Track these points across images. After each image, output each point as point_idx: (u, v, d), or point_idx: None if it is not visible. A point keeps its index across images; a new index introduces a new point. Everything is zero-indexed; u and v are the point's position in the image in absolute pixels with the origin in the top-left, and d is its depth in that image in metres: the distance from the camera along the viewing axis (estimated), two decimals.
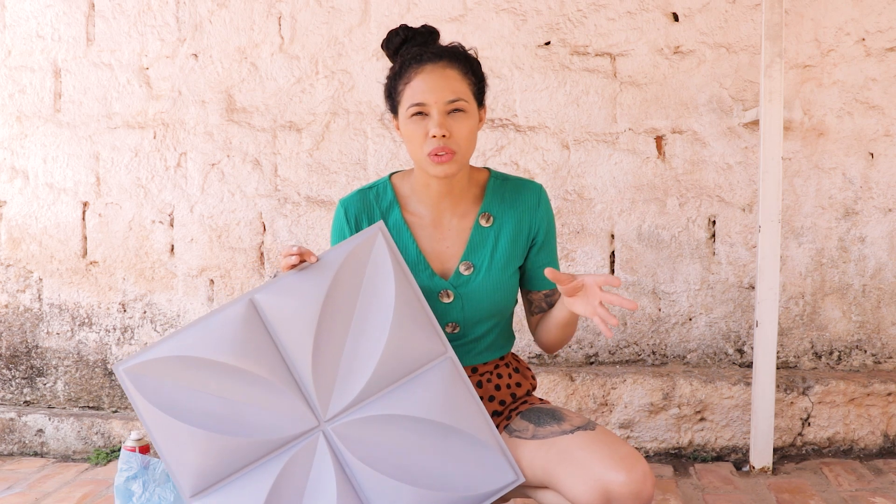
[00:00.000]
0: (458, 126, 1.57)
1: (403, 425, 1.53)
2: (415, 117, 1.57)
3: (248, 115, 3.00)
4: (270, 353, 1.52)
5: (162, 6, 3.01)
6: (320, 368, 1.52)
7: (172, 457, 1.50)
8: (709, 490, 2.45)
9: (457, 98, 1.57)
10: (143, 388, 1.50)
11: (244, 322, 1.51)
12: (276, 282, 1.53)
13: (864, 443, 2.72)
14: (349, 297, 1.54)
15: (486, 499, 1.55)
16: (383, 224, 1.59)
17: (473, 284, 1.66)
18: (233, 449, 1.50)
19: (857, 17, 2.80)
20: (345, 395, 1.53)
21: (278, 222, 3.00)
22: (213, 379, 1.49)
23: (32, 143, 3.09)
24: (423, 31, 1.65)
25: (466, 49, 1.65)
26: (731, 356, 2.89)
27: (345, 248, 1.55)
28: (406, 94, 1.58)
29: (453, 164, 1.57)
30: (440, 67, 1.58)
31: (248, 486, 1.50)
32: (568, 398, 2.75)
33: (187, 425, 1.48)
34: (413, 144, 1.59)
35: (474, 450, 1.54)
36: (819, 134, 2.83)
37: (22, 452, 2.94)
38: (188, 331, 1.51)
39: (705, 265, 2.87)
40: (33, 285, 3.11)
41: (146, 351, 1.51)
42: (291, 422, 1.52)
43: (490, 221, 1.68)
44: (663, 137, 2.87)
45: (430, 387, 1.54)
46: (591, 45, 2.87)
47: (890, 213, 2.84)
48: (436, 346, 1.57)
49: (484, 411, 1.58)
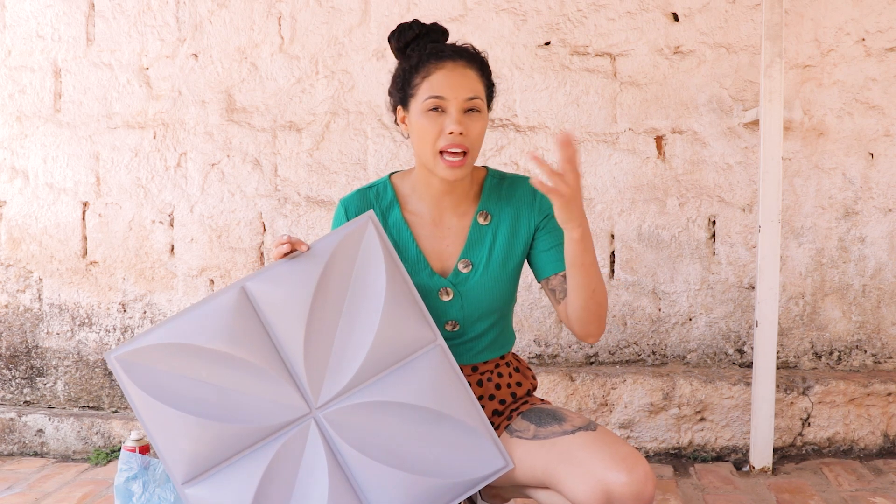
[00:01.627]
0: (473, 125, 1.58)
1: (394, 412, 1.54)
2: (431, 112, 1.57)
3: (248, 115, 3.00)
4: (262, 341, 1.52)
5: (162, 6, 3.01)
6: (312, 356, 1.53)
7: (164, 444, 1.50)
8: (709, 490, 2.45)
9: (475, 96, 1.58)
10: (134, 375, 1.50)
11: (236, 310, 1.52)
12: (267, 270, 1.55)
13: (864, 443, 2.72)
14: (340, 286, 1.55)
15: (477, 484, 1.57)
16: (373, 213, 1.59)
17: (472, 282, 1.67)
18: (225, 436, 1.50)
19: (857, 17, 2.80)
20: (336, 382, 1.54)
21: (278, 222, 3.00)
22: (205, 366, 1.50)
23: (32, 143, 3.09)
24: (436, 28, 1.66)
25: (480, 52, 1.66)
26: (731, 356, 2.89)
27: (335, 236, 1.56)
28: (424, 87, 1.58)
29: (465, 168, 1.59)
30: (460, 66, 1.59)
31: (240, 472, 1.51)
32: (568, 398, 2.75)
33: (179, 412, 1.49)
34: (424, 140, 1.58)
35: (464, 436, 1.55)
36: (819, 134, 2.83)
37: (22, 452, 2.94)
38: (180, 318, 1.51)
39: (705, 265, 2.87)
40: (33, 285, 3.11)
41: (137, 339, 1.51)
42: (283, 409, 1.52)
43: (488, 219, 1.69)
44: (663, 137, 2.87)
45: (420, 374, 1.56)
46: (591, 45, 2.87)
47: (890, 213, 2.84)
48: (426, 334, 1.58)
49: (473, 398, 1.59)
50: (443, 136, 1.56)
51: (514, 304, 1.77)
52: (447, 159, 1.56)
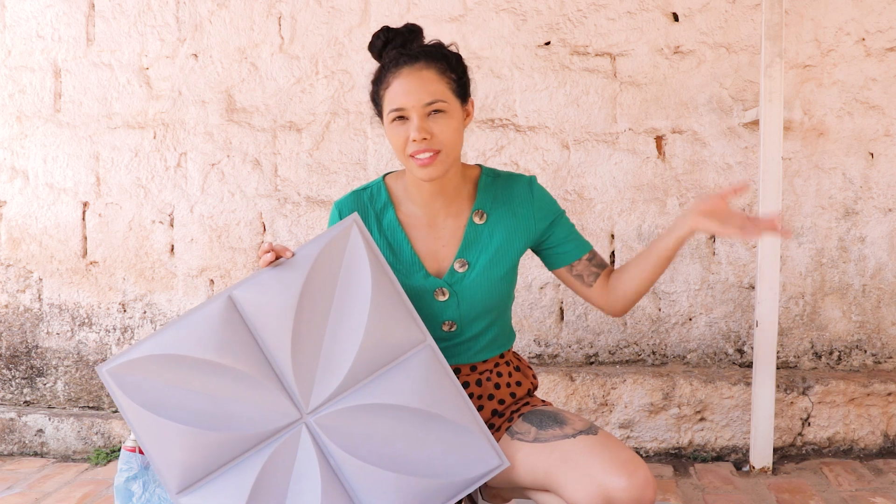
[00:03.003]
0: (439, 127, 1.56)
1: (385, 414, 1.53)
2: (396, 122, 1.58)
3: (248, 115, 3.00)
4: (251, 349, 1.53)
5: (162, 6, 3.01)
6: (300, 361, 1.53)
7: (158, 455, 1.51)
8: (709, 490, 2.45)
9: (434, 100, 1.56)
10: (126, 388, 1.51)
11: (223, 319, 1.52)
12: (253, 278, 1.55)
13: (864, 443, 2.72)
14: (326, 290, 1.55)
15: (472, 484, 1.56)
16: (357, 215, 1.59)
17: (468, 281, 1.67)
18: (217, 444, 1.51)
19: (857, 17, 2.80)
20: (326, 387, 1.54)
21: (278, 222, 3.00)
22: (196, 376, 1.51)
23: (32, 143, 3.09)
24: (403, 30, 1.64)
25: (446, 45, 1.64)
26: (731, 356, 2.89)
27: (320, 241, 1.56)
28: (386, 98, 1.59)
29: (438, 166, 1.57)
30: (417, 70, 1.57)
31: (233, 480, 1.51)
32: (568, 398, 2.75)
33: (172, 422, 1.50)
34: (397, 148, 1.60)
35: (458, 436, 1.55)
36: (819, 134, 2.83)
37: (22, 452, 2.94)
38: (169, 329, 1.52)
39: (705, 265, 2.88)
40: (33, 285, 3.11)
41: (128, 351, 1.52)
42: (274, 415, 1.53)
43: (483, 218, 1.69)
44: (663, 137, 2.87)
45: (411, 375, 1.55)
46: (591, 45, 2.87)
47: (890, 213, 2.84)
48: (415, 335, 1.58)
49: (465, 397, 1.58)
50: (409, 144, 1.56)
51: (511, 302, 1.77)
52: (418, 158, 1.56)
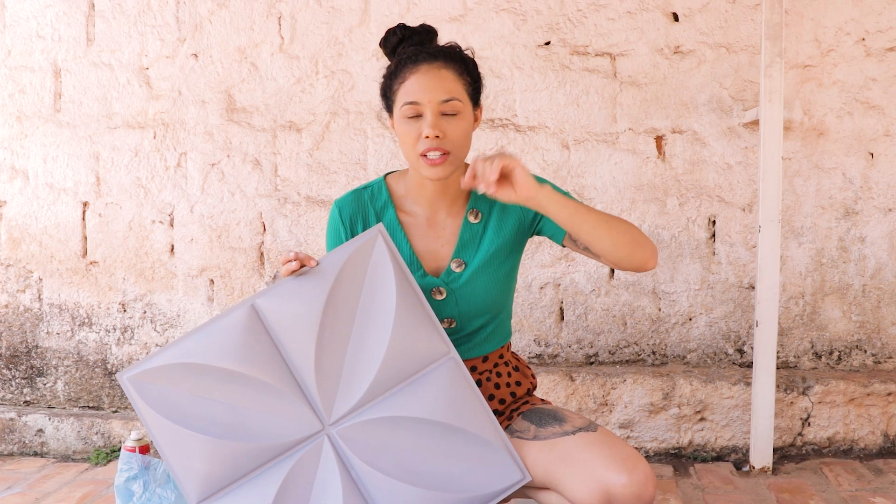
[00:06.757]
0: (451, 127, 1.57)
1: (408, 427, 1.52)
2: (408, 118, 1.58)
3: (248, 115, 3.00)
4: (273, 358, 1.52)
5: (162, 6, 3.01)
6: (323, 372, 1.52)
7: (179, 463, 1.50)
8: (709, 490, 2.45)
9: (451, 98, 1.57)
10: (147, 396, 1.50)
11: (246, 328, 1.51)
12: (276, 287, 1.54)
13: (864, 443, 2.72)
14: (350, 301, 1.54)
15: (494, 498, 1.55)
16: (383, 226, 1.59)
17: (464, 280, 1.67)
18: (238, 454, 1.50)
19: (857, 17, 2.80)
20: (349, 398, 1.53)
21: (278, 222, 3.00)
22: (217, 385, 1.49)
23: (32, 143, 3.09)
24: (420, 30, 1.66)
25: (463, 49, 1.65)
26: (731, 356, 2.89)
27: (345, 251, 1.55)
28: (400, 92, 1.59)
29: (447, 167, 1.58)
30: (435, 67, 1.58)
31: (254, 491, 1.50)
32: (568, 398, 2.75)
33: (192, 432, 1.49)
34: (406, 145, 1.59)
35: (480, 449, 1.54)
36: (819, 134, 2.83)
37: (22, 452, 2.94)
38: (190, 338, 1.51)
39: (705, 265, 2.88)
40: (33, 285, 3.11)
41: (149, 359, 1.51)
42: (296, 426, 1.52)
43: (478, 217, 1.69)
44: (663, 137, 2.87)
45: (434, 388, 1.54)
46: (591, 45, 2.87)
47: (890, 213, 2.84)
48: (438, 347, 1.57)
49: (488, 410, 1.58)
50: (421, 140, 1.56)
51: (511, 299, 1.78)
52: (428, 157, 1.57)
